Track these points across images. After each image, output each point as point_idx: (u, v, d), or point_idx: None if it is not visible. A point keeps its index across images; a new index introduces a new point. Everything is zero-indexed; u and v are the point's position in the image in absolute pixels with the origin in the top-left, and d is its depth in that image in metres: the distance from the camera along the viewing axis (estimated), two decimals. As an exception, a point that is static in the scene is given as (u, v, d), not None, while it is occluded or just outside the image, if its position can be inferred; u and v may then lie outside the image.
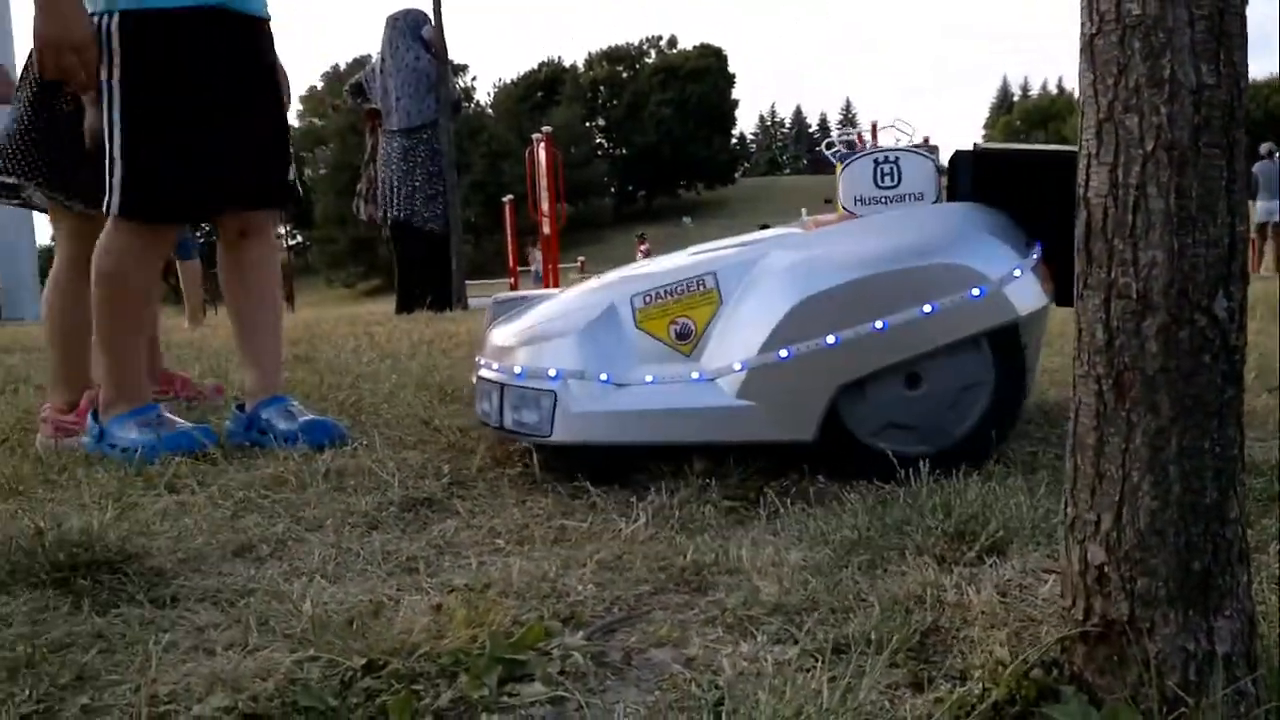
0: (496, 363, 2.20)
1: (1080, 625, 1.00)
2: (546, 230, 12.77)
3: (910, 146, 2.21)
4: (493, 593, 1.41)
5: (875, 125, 15.15)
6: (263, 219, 2.58)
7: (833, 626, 1.26)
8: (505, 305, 2.46)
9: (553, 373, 2.06)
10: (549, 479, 2.04)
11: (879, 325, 1.90)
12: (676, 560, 1.54)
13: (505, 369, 2.16)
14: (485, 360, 2.27)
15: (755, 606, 1.34)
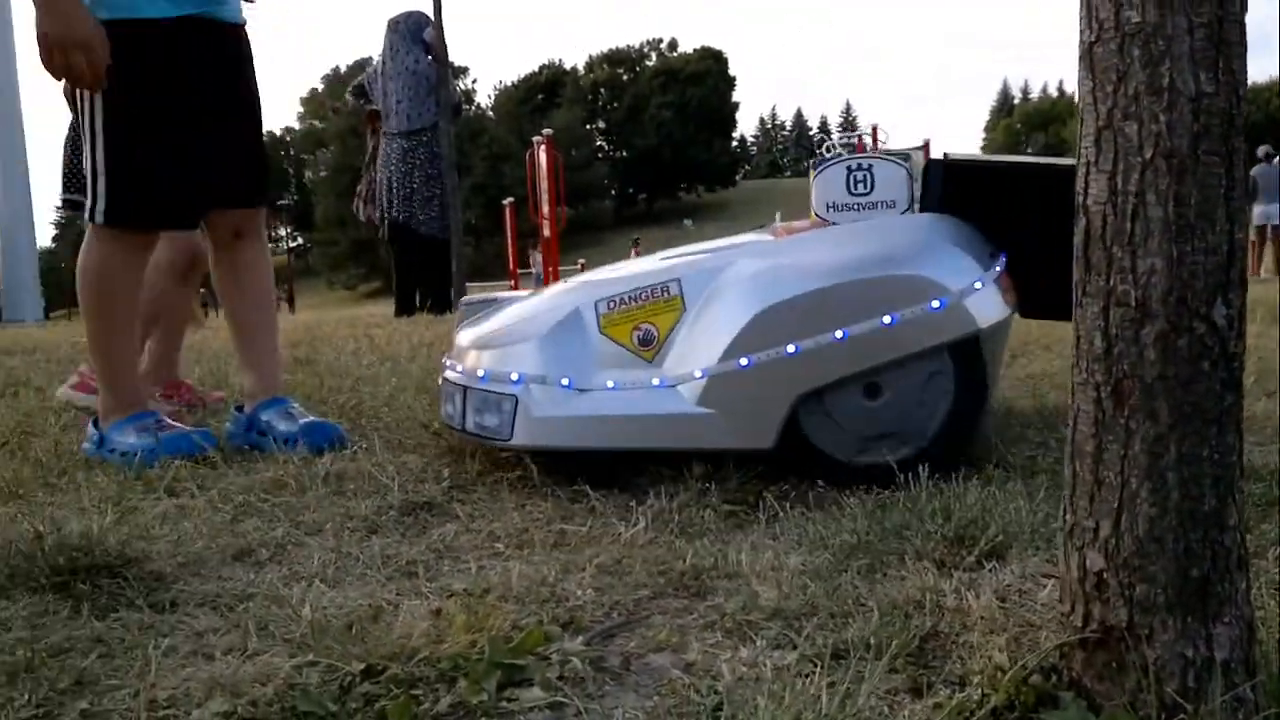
0: (461, 365, 2.22)
1: (1079, 631, 1.00)
2: (547, 233, 12.77)
3: (884, 154, 2.22)
4: (492, 597, 1.41)
5: (875, 129, 14.96)
6: (253, 219, 2.58)
7: (832, 631, 1.26)
8: (474, 307, 2.46)
9: (515, 377, 2.07)
10: (548, 483, 2.04)
11: (839, 335, 1.91)
12: (676, 565, 1.54)
13: (469, 372, 2.17)
14: (451, 362, 2.28)
15: (754, 611, 1.34)
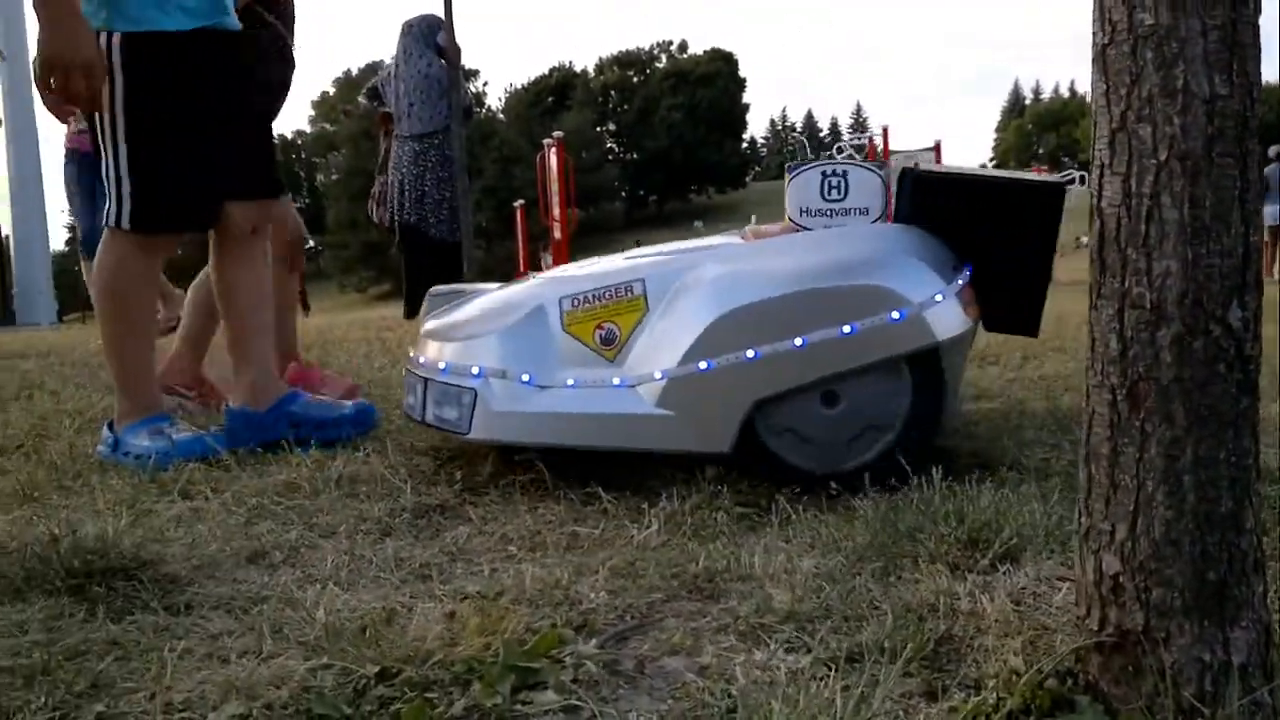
0: (424, 356, 2.22)
1: (1095, 635, 1.00)
2: (558, 235, 12.77)
3: (859, 161, 2.22)
4: (505, 600, 1.42)
5: (886, 130, 14.89)
6: (269, 214, 2.63)
7: (846, 635, 1.26)
8: (442, 298, 2.45)
9: (475, 370, 2.08)
10: (560, 485, 2.04)
11: (798, 342, 1.91)
12: (689, 567, 1.54)
13: (430, 363, 2.18)
14: (415, 353, 2.29)
15: (768, 614, 1.34)
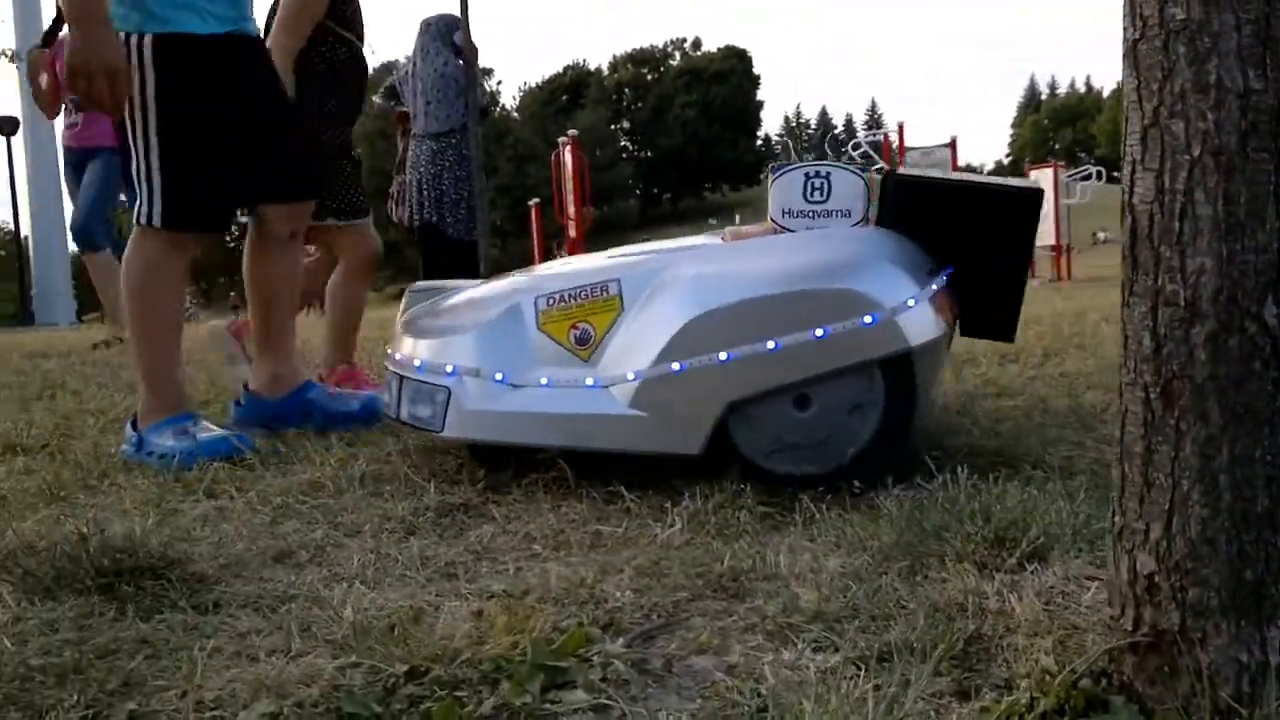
0: (400, 354, 2.23)
1: (1130, 635, 0.99)
2: (573, 233, 12.79)
3: (843, 164, 2.22)
4: (531, 599, 1.42)
5: (901, 126, 14.91)
6: (305, 214, 2.69)
7: (874, 634, 1.25)
8: (421, 295, 2.46)
9: (450, 368, 2.08)
10: (583, 484, 2.04)
11: (771, 345, 1.90)
12: (714, 566, 1.54)
13: (406, 361, 2.18)
14: (392, 350, 2.29)
15: (795, 614, 1.33)
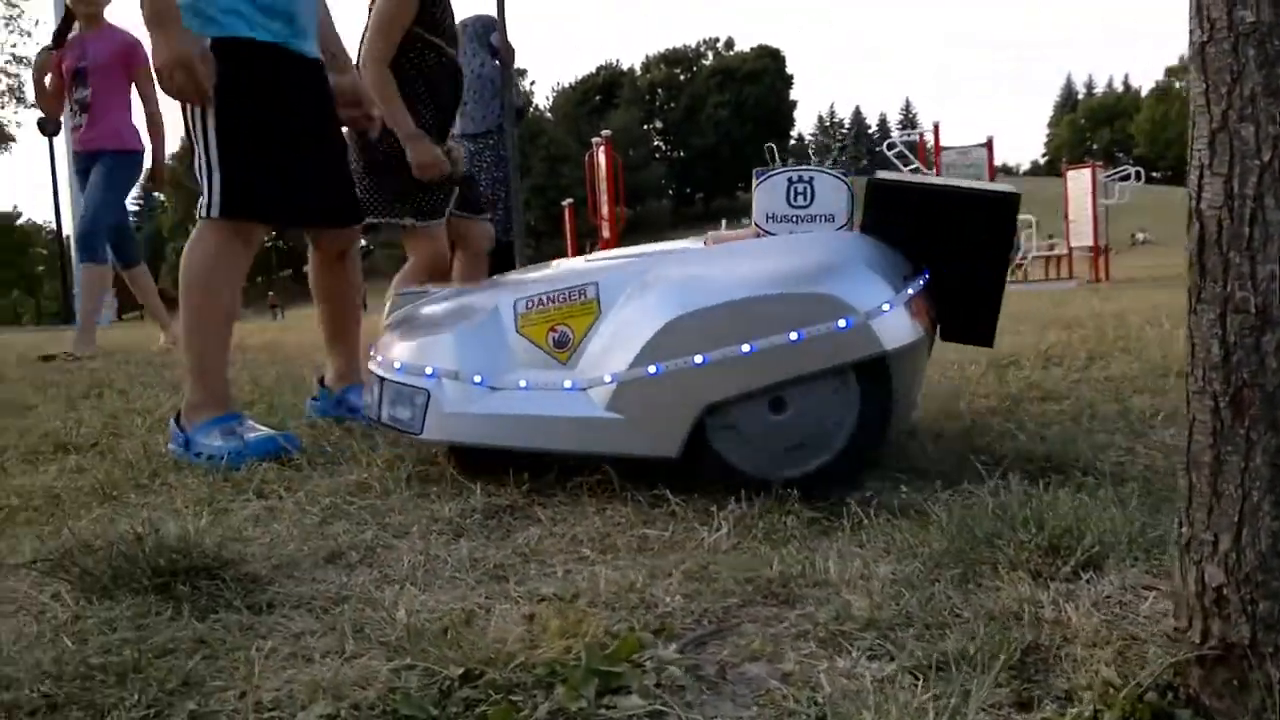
0: (381, 356, 2.25)
1: (1197, 648, 0.98)
2: (606, 233, 12.81)
3: (826, 169, 2.20)
4: (582, 602, 1.42)
5: (937, 126, 14.80)
6: (354, 239, 2.92)
7: (929, 643, 1.24)
8: (407, 297, 2.49)
9: (429, 371, 2.11)
10: (627, 486, 2.04)
11: (746, 349, 1.90)
12: (763, 572, 1.53)
13: (387, 363, 2.21)
14: (374, 352, 2.32)
15: (847, 621, 1.32)
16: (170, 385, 3.78)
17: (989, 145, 15.82)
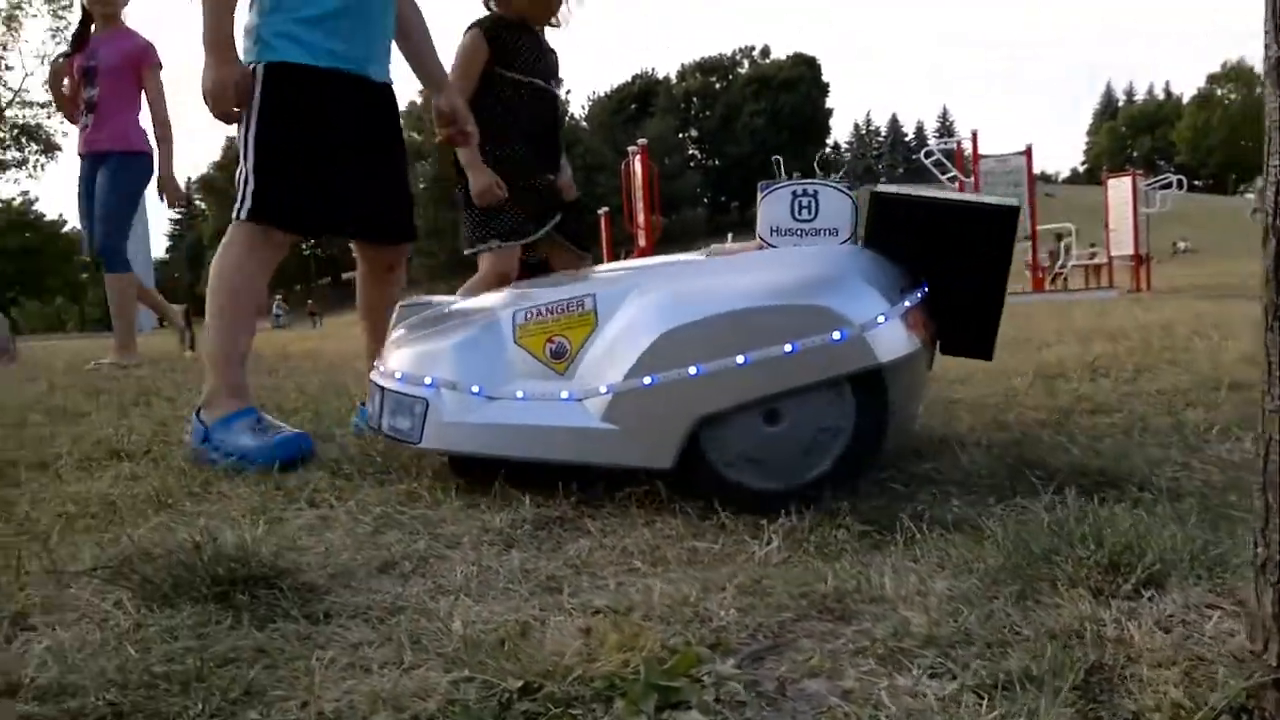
0: (384, 366, 2.29)
1: (1274, 671, 0.96)
2: (642, 242, 12.83)
3: (831, 182, 2.19)
4: (636, 616, 1.41)
5: (975, 134, 14.68)
6: (403, 253, 3.03)
7: (991, 661, 1.23)
8: (410, 310, 2.52)
9: (428, 381, 2.13)
10: (675, 498, 2.04)
11: (740, 360, 1.89)
12: (817, 586, 1.52)
13: (389, 373, 2.24)
14: (378, 363, 2.35)
15: (906, 638, 1.31)
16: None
17: (1028, 153, 15.67)
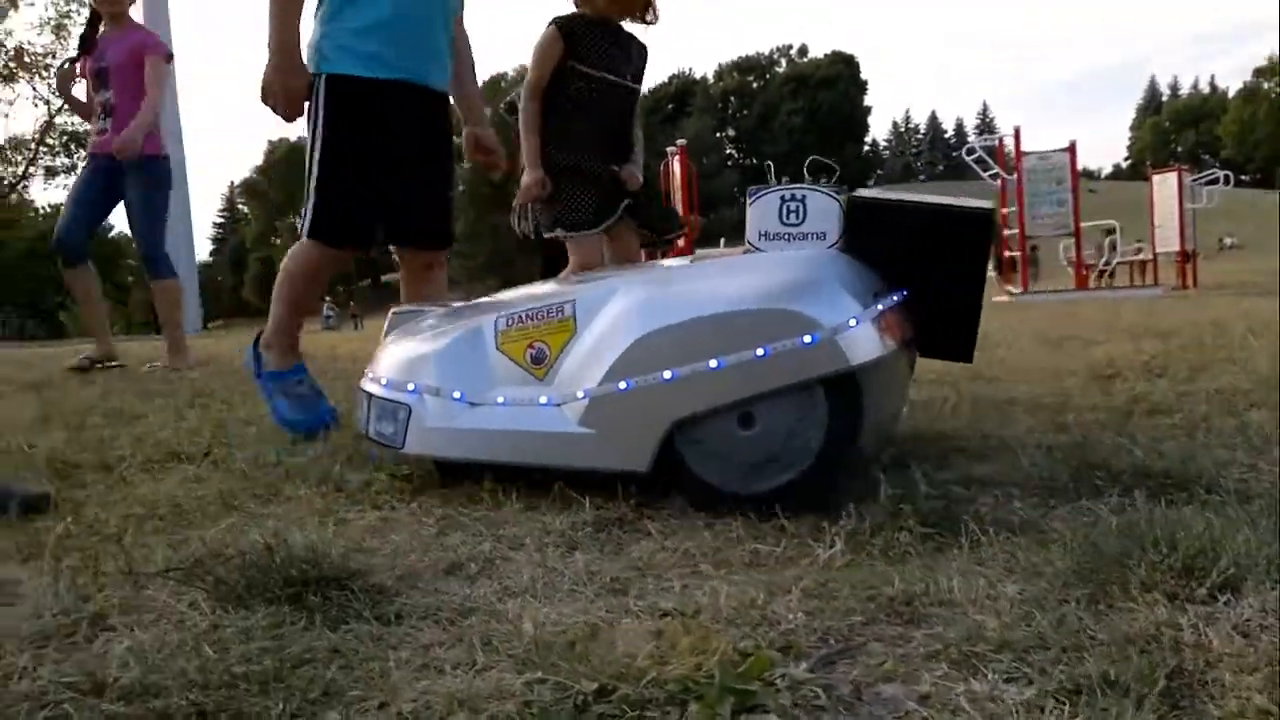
0: (371, 372, 2.34)
1: (1368, 679, 0.94)
2: (680, 242, 12.81)
3: (820, 187, 2.17)
4: (705, 618, 1.42)
5: (1018, 131, 14.52)
6: (443, 255, 3.25)
7: (1068, 666, 1.21)
8: (402, 317, 2.56)
9: (411, 387, 2.18)
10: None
11: (714, 364, 1.91)
12: (884, 590, 1.51)
13: (375, 379, 2.30)
14: (367, 369, 2.40)
15: (979, 642, 1.30)
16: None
17: (1071, 149, 15.48)
